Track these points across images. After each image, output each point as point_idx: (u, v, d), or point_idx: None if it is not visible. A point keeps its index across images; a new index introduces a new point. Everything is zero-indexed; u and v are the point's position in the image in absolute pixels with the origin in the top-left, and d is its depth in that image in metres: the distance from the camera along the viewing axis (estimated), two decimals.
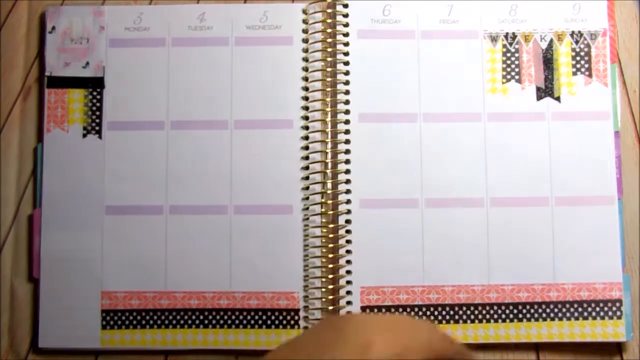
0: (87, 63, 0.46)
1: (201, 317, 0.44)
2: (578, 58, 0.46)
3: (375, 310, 0.43)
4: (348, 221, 0.44)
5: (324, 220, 0.44)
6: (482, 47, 0.46)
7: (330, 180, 0.45)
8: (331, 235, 0.44)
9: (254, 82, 0.46)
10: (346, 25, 0.46)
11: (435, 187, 0.45)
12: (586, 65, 0.46)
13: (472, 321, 0.44)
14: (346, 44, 0.46)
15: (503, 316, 0.44)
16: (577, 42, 0.46)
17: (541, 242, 0.44)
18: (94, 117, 0.46)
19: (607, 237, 0.44)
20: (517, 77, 0.46)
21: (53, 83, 0.46)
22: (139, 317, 0.44)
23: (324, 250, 0.44)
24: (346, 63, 0.46)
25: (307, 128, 0.45)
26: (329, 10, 0.46)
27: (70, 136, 0.46)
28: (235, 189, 0.45)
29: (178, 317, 0.44)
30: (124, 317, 0.44)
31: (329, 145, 0.45)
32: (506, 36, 0.46)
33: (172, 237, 0.45)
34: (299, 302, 0.44)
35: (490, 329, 0.44)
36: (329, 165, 0.45)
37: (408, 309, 0.44)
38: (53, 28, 0.47)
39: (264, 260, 0.44)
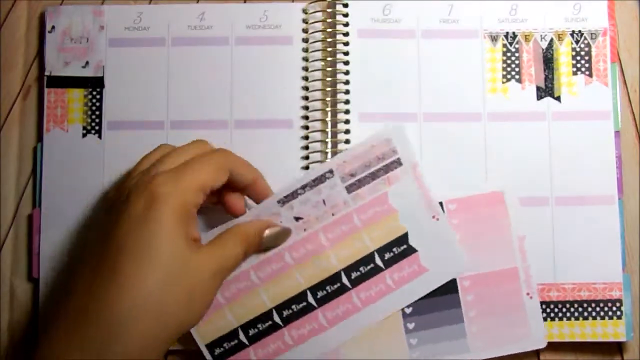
0: (87, 62, 0.46)
1: None
2: (578, 58, 0.46)
3: None
4: None
5: None
6: (482, 47, 0.46)
7: None
8: None
9: (254, 82, 0.46)
10: (346, 24, 0.46)
11: (435, 187, 0.45)
12: (586, 65, 0.46)
13: None
14: (346, 44, 0.46)
15: None
16: (577, 41, 0.46)
17: (541, 242, 0.44)
18: (93, 116, 0.46)
19: (607, 237, 0.44)
20: (517, 76, 0.46)
21: (53, 83, 0.46)
22: None
23: None
24: (346, 63, 0.46)
25: (307, 128, 0.45)
26: (329, 10, 0.46)
27: (70, 136, 0.46)
28: None
29: None
30: None
31: (329, 145, 0.45)
32: (506, 36, 0.46)
33: None
34: None
35: None
36: None
37: None
38: (53, 27, 0.47)
39: None
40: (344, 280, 0.40)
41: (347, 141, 0.45)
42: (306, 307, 0.40)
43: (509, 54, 0.46)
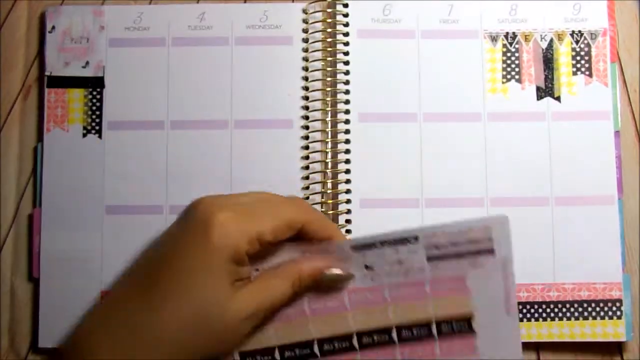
0: (87, 63, 0.46)
1: None
2: (578, 58, 0.46)
3: None
4: (348, 221, 0.44)
5: None
6: (482, 47, 0.46)
7: (330, 180, 0.45)
8: None
9: (254, 82, 0.46)
10: (346, 25, 0.46)
11: (435, 187, 0.45)
12: (586, 65, 0.46)
13: None
14: (346, 44, 0.46)
15: None
16: (577, 41, 0.46)
17: (541, 242, 0.44)
18: (94, 116, 0.46)
19: (607, 237, 0.44)
20: (517, 77, 0.46)
21: (53, 83, 0.46)
22: None
23: None
24: (346, 63, 0.46)
25: (307, 128, 0.45)
26: (329, 10, 0.46)
27: (70, 136, 0.46)
28: (235, 189, 0.45)
29: None
30: None
31: (329, 145, 0.45)
32: (506, 36, 0.46)
33: None
34: None
35: None
36: (329, 165, 0.45)
37: None
38: (53, 28, 0.47)
39: None
40: (393, 334, 0.39)
41: (347, 141, 0.45)
42: (348, 347, 0.39)
43: (509, 54, 0.46)
